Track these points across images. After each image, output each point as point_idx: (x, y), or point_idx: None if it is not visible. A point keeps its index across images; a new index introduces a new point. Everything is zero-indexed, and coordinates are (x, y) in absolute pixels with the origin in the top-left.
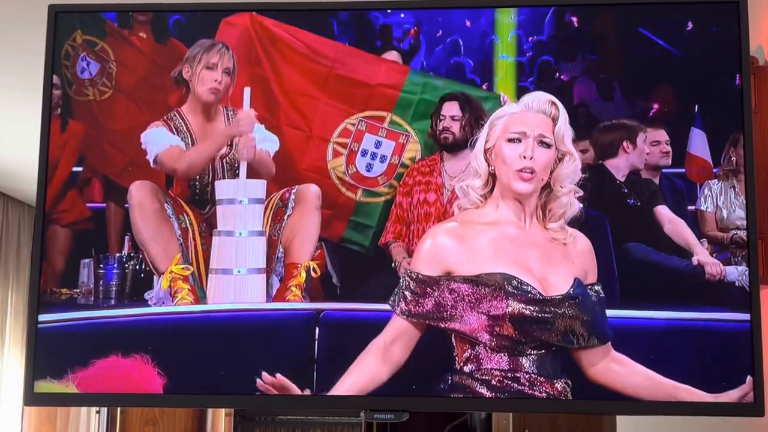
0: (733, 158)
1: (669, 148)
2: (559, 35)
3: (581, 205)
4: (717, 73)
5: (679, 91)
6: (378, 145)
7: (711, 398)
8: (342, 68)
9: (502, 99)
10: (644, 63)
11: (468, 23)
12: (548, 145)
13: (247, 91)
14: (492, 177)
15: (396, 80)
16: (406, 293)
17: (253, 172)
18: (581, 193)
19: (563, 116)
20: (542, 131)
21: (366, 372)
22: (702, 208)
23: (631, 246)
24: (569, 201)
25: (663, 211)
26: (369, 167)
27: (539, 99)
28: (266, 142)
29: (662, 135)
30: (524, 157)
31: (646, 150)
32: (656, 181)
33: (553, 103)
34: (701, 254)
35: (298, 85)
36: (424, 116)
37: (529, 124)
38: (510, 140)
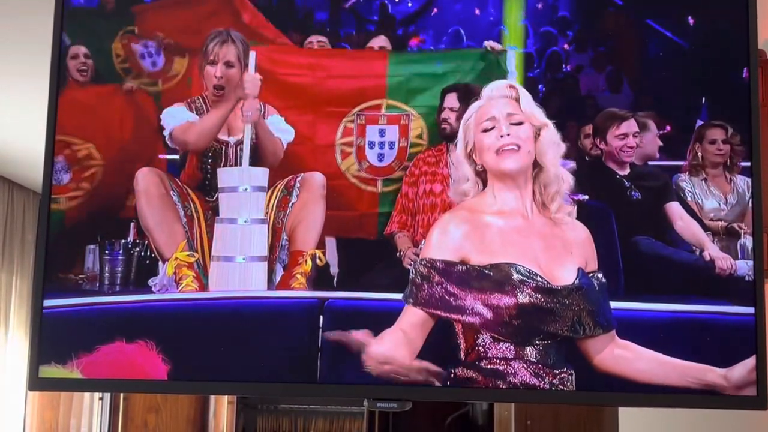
0: (699, 153)
1: (658, 141)
2: (567, 26)
3: (573, 179)
4: (725, 66)
5: (687, 83)
6: (382, 133)
7: (724, 372)
8: (323, 72)
9: (489, 47)
10: (652, 55)
11: (477, 11)
12: (520, 122)
13: (252, 54)
14: (480, 175)
15: (379, 67)
16: (417, 281)
17: (259, 143)
18: (570, 164)
19: (525, 95)
20: (509, 111)
21: (393, 347)
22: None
23: (640, 240)
24: (558, 174)
25: (675, 208)
26: (380, 157)
27: (498, 86)
28: (280, 132)
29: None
30: (501, 137)
31: (617, 144)
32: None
33: (512, 86)
34: (712, 249)
35: (287, 102)
36: (421, 90)
37: (496, 110)
38: (484, 130)
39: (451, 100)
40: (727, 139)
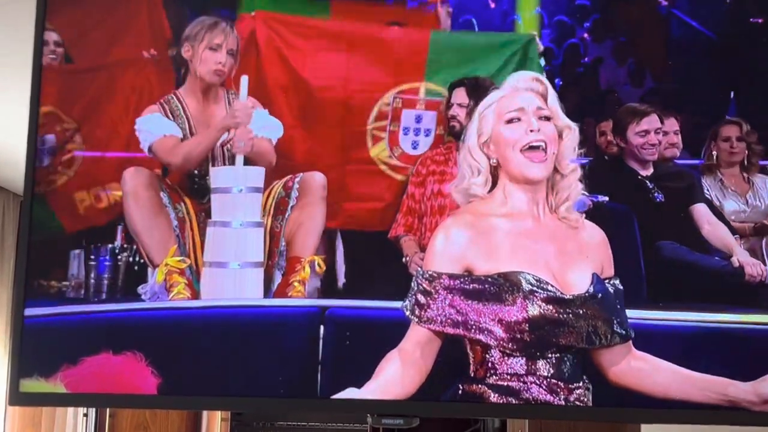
0: (714, 152)
1: (677, 139)
2: (586, 15)
3: (582, 187)
4: (754, 57)
5: (714, 76)
6: (419, 119)
7: (750, 386)
8: (359, 48)
9: (536, 39)
10: (676, 46)
11: (492, 5)
12: (548, 118)
13: (244, 79)
14: (494, 170)
15: (419, 45)
16: (420, 297)
17: (251, 165)
18: (580, 173)
19: (551, 90)
20: (538, 105)
21: (393, 381)
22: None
23: (664, 245)
24: (574, 181)
25: (702, 211)
26: (415, 144)
27: (524, 77)
28: (268, 129)
29: (672, 124)
30: (531, 131)
31: (637, 141)
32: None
33: (538, 80)
34: (741, 254)
35: (319, 82)
36: (462, 73)
37: (524, 101)
38: (509, 121)
39: (460, 96)
40: (742, 137)
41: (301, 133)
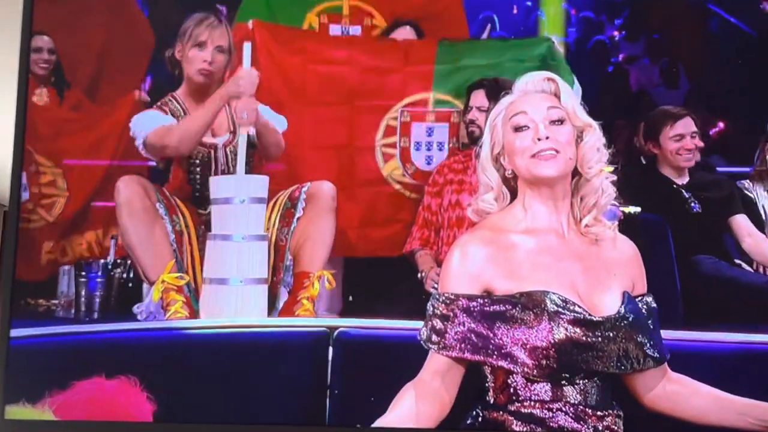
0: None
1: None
2: (616, 11)
3: (615, 191)
4: None
5: (755, 76)
6: (430, 132)
7: None
8: (363, 62)
9: (555, 44)
10: (714, 44)
11: (515, 10)
12: (561, 121)
13: (247, 46)
14: (508, 182)
15: (426, 55)
16: (436, 322)
17: (259, 137)
18: (613, 177)
19: (565, 90)
20: (548, 108)
21: (406, 417)
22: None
23: (701, 259)
24: (600, 185)
25: (742, 222)
26: (429, 160)
27: (534, 79)
28: (273, 122)
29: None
30: (538, 140)
31: (672, 146)
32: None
33: (550, 79)
34: None
35: (323, 97)
36: (469, 81)
37: (531, 106)
38: (517, 129)
39: (479, 98)
40: None
41: (306, 154)
